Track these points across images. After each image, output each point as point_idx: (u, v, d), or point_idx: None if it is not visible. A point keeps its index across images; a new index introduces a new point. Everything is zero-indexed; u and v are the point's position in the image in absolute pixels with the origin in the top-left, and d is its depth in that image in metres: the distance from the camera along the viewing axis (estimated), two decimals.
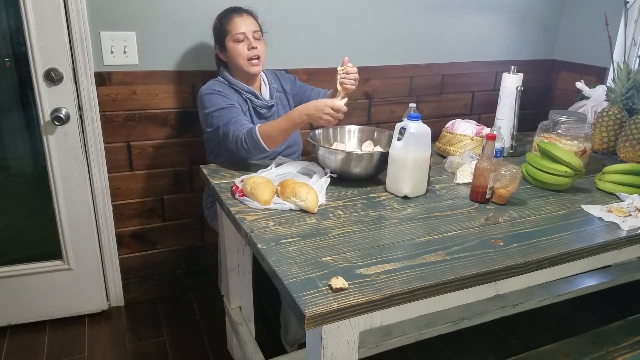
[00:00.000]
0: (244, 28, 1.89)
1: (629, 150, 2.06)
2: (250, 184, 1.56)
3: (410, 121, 1.59)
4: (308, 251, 1.27)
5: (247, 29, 1.90)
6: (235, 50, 1.90)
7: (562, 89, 3.02)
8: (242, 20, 1.90)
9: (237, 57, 1.91)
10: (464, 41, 2.75)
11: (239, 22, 1.90)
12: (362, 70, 2.51)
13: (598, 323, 2.31)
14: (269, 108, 2.01)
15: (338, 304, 1.05)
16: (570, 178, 1.72)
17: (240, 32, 1.89)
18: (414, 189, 1.64)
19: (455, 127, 2.11)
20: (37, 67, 1.95)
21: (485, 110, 2.96)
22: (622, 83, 2.16)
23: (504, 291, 1.33)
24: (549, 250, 1.32)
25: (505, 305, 2.18)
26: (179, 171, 2.32)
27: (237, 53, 1.90)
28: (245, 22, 1.91)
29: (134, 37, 2.06)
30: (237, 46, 1.90)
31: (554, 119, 1.98)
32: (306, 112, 1.71)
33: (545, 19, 2.94)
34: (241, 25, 1.89)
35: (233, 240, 1.87)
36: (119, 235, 2.30)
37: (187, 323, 2.34)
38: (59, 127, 2.03)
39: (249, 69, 1.92)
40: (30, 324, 2.26)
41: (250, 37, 1.90)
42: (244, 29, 1.89)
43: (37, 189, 2.20)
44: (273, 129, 1.75)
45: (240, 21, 1.90)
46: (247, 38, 1.90)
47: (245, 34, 1.89)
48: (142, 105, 2.16)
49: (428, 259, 1.25)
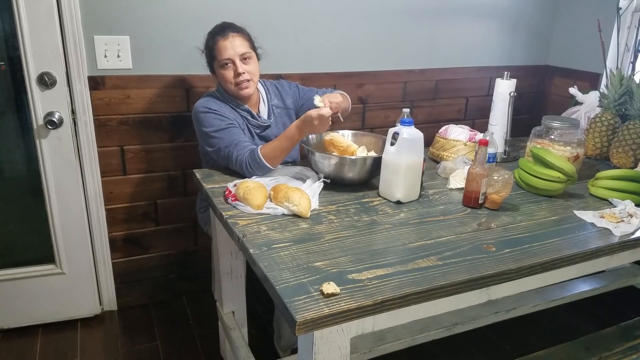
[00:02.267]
0: (229, 53, 1.82)
1: (622, 156, 2.07)
2: (243, 189, 1.56)
3: (403, 126, 1.59)
4: (300, 256, 1.27)
5: (233, 53, 1.83)
6: (222, 76, 1.87)
7: (555, 95, 3.03)
8: (228, 43, 1.83)
9: (226, 83, 1.87)
10: (457, 47, 2.76)
11: (224, 46, 1.83)
12: (356, 75, 2.55)
13: (591, 328, 2.32)
14: (264, 128, 1.98)
15: (329, 310, 1.04)
16: (563, 184, 1.72)
17: (226, 58, 1.83)
18: (407, 194, 1.64)
19: (448, 133, 2.12)
20: (31, 71, 1.94)
21: (479, 116, 2.97)
22: (615, 89, 2.17)
23: (496, 297, 1.33)
24: (541, 256, 1.32)
25: (499, 311, 2.18)
26: (172, 175, 2.31)
27: (224, 79, 1.86)
28: (231, 45, 1.83)
29: (128, 41, 2.06)
30: (223, 72, 1.85)
31: (547, 124, 1.99)
32: (297, 127, 1.74)
33: (538, 25, 2.95)
34: (227, 50, 1.83)
35: (226, 245, 1.87)
36: (112, 239, 2.30)
37: (180, 328, 2.33)
38: (52, 131, 2.03)
39: (238, 93, 1.88)
40: (22, 328, 2.24)
41: (237, 62, 1.83)
42: (229, 54, 1.82)
43: (30, 193, 2.19)
44: (276, 149, 1.76)
45: (226, 45, 1.83)
46: (234, 63, 1.84)
47: (232, 59, 1.83)
48: (135, 110, 2.15)
49: (420, 264, 1.25)
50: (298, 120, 1.76)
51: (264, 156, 1.74)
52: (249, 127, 1.95)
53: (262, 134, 1.98)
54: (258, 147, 1.77)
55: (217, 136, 1.82)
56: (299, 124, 1.74)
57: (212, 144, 1.84)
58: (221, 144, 1.81)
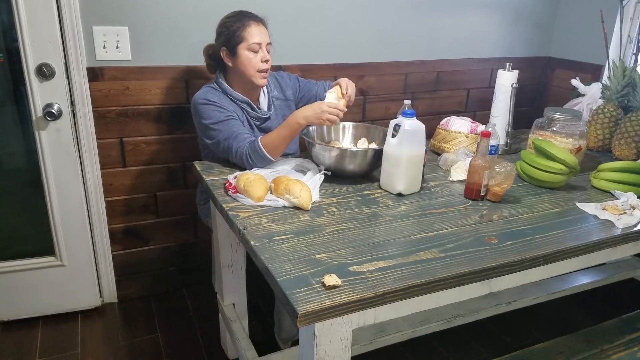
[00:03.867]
0: (261, 38, 1.82)
1: (624, 147, 2.06)
2: (244, 181, 1.55)
3: (405, 118, 1.58)
4: (301, 248, 1.26)
5: (262, 40, 1.83)
6: (248, 60, 1.82)
7: (557, 87, 3.02)
8: (260, 30, 1.83)
9: (248, 67, 1.83)
10: (459, 38, 2.75)
11: (257, 31, 1.82)
12: (356, 66, 2.54)
13: (592, 321, 2.32)
14: (264, 120, 1.97)
15: (331, 302, 1.04)
16: (565, 176, 1.71)
17: (257, 42, 1.81)
18: (408, 186, 1.63)
19: (450, 124, 2.11)
20: (29, 62, 1.92)
21: (480, 108, 2.95)
22: (617, 80, 2.16)
23: (498, 289, 1.33)
24: (543, 248, 1.32)
25: (499, 303, 2.18)
26: (172, 167, 2.31)
27: (249, 63, 1.83)
28: (261, 32, 1.83)
29: (127, 32, 2.04)
30: (251, 56, 1.82)
31: (549, 116, 1.98)
32: (304, 117, 1.72)
33: (540, 16, 2.93)
34: (260, 34, 1.82)
35: (226, 237, 1.86)
36: (112, 231, 2.29)
37: (180, 320, 2.33)
38: (51, 123, 2.02)
39: (258, 81, 1.85)
40: (22, 320, 2.24)
41: (265, 49, 1.84)
42: (260, 40, 1.82)
43: (30, 185, 2.18)
44: (275, 140, 1.74)
45: (258, 30, 1.82)
46: (262, 49, 1.84)
47: (261, 45, 1.83)
48: (135, 101, 2.14)
49: (422, 256, 1.25)
50: (305, 109, 1.74)
51: (265, 147, 1.73)
52: (249, 119, 1.93)
53: (262, 125, 1.96)
54: (258, 138, 1.75)
55: (217, 128, 1.81)
56: (307, 113, 1.72)
57: (211, 137, 1.83)
58: (220, 136, 1.80)
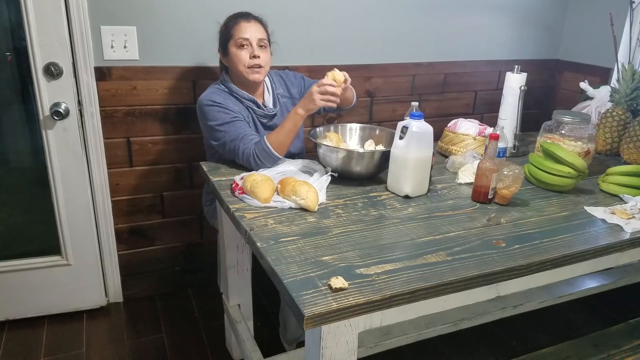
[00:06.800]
0: (248, 34, 1.82)
1: (633, 151, 2.04)
2: (250, 182, 1.55)
3: (413, 120, 1.57)
4: (308, 250, 1.26)
5: (251, 36, 1.83)
6: (236, 56, 1.84)
7: (565, 89, 3.00)
8: (249, 26, 1.83)
9: (237, 63, 1.84)
10: (467, 40, 2.74)
11: (245, 27, 1.83)
12: (364, 68, 2.53)
13: (599, 325, 2.31)
14: (270, 117, 1.97)
15: (337, 304, 1.03)
16: (573, 179, 1.70)
17: (244, 37, 1.82)
18: (416, 188, 1.63)
19: (457, 127, 2.10)
20: (37, 62, 1.93)
21: (488, 110, 2.94)
22: (626, 84, 2.15)
23: (505, 293, 1.32)
24: (552, 252, 1.31)
25: (506, 307, 2.17)
26: (178, 167, 2.31)
27: (237, 59, 1.84)
28: (251, 29, 1.83)
29: (135, 32, 2.05)
30: (238, 52, 1.83)
31: (558, 119, 1.97)
32: (300, 105, 1.74)
33: (549, 18, 2.92)
34: (246, 30, 1.83)
35: (232, 238, 1.86)
36: (118, 231, 2.29)
37: (185, 320, 2.32)
38: (58, 122, 2.02)
39: (248, 76, 1.85)
40: (28, 319, 2.25)
41: (254, 45, 1.83)
42: (248, 35, 1.82)
43: (36, 184, 2.18)
44: (280, 135, 1.75)
45: (247, 27, 1.83)
46: (251, 45, 1.83)
47: (249, 41, 1.82)
48: (142, 101, 2.14)
49: (429, 259, 1.24)
50: (300, 100, 1.78)
51: (271, 143, 1.73)
52: (255, 118, 1.93)
53: (269, 123, 1.97)
54: (264, 137, 1.75)
55: (223, 130, 1.80)
56: (302, 101, 1.75)
57: (217, 138, 1.82)
58: (226, 137, 1.80)
